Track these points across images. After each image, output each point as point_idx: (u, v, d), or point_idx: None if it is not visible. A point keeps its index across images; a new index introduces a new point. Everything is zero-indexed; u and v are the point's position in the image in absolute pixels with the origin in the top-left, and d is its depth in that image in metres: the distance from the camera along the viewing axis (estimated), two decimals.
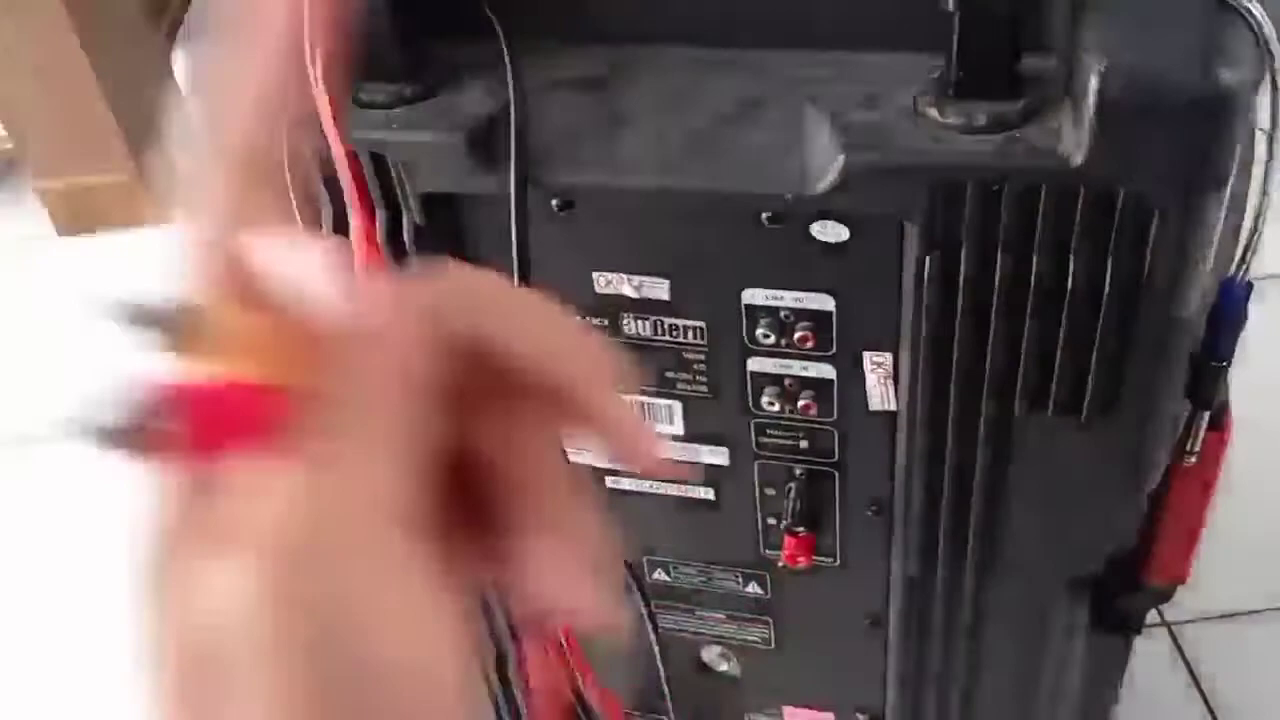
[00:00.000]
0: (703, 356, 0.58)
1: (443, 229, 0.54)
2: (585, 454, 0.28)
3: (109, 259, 1.88)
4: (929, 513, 0.59)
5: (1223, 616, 1.26)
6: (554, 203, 0.53)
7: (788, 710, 0.80)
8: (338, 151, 0.49)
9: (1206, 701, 1.20)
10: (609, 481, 0.66)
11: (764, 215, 0.50)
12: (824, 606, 0.70)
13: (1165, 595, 0.79)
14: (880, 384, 0.56)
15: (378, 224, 0.54)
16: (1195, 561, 0.75)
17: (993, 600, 0.63)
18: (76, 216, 1.90)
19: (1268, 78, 0.44)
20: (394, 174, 0.52)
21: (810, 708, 0.79)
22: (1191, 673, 1.22)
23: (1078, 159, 0.44)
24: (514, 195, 0.50)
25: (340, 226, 0.53)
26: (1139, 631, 0.85)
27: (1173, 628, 1.26)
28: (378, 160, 0.52)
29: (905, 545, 0.62)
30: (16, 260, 1.89)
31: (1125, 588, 0.78)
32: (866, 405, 0.57)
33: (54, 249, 1.92)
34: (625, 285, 0.56)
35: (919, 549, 0.61)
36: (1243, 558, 1.10)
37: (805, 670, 0.76)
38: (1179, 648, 1.24)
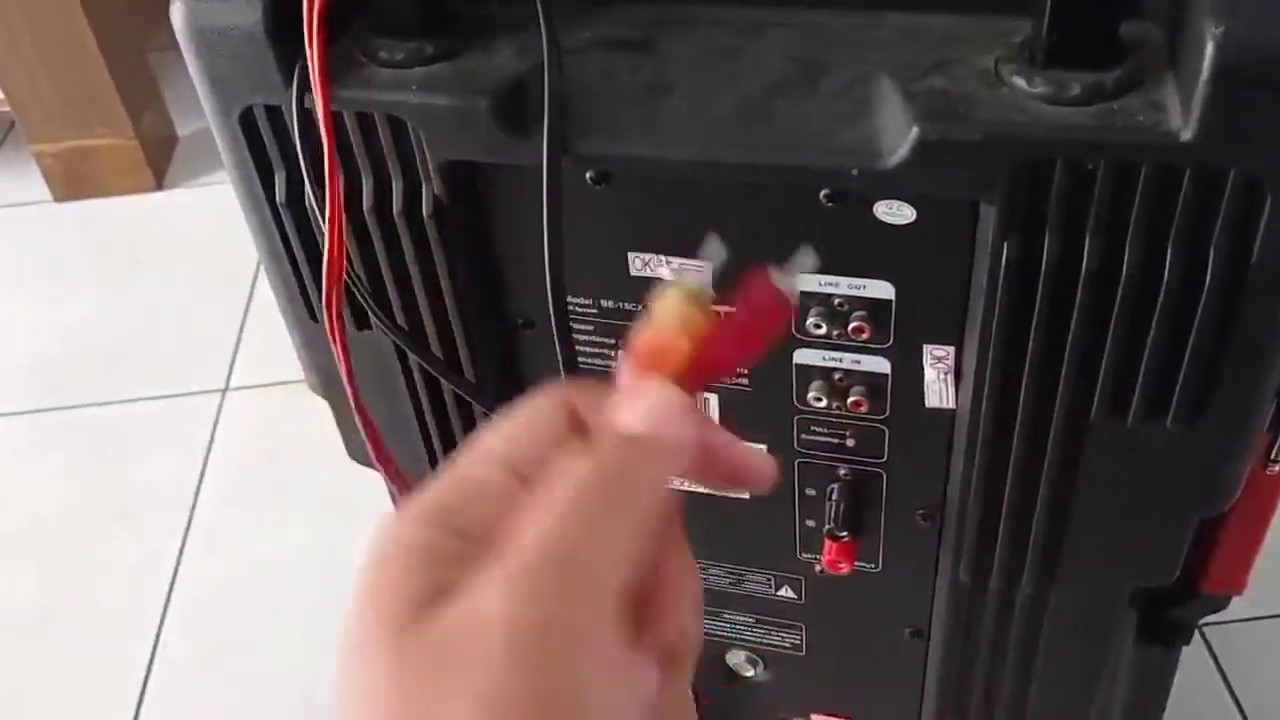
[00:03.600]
0: None
1: (465, 203, 0.49)
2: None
3: (106, 224, 1.83)
4: (987, 519, 0.54)
5: (1256, 619, 1.22)
6: (588, 175, 0.48)
7: (816, 718, 0.75)
8: (322, 111, 0.44)
9: (1239, 704, 1.16)
10: None
11: (823, 193, 0.46)
12: (861, 614, 0.65)
13: (1219, 605, 0.75)
14: (939, 380, 0.51)
15: (395, 195, 0.49)
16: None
17: (1049, 612, 0.59)
18: (74, 181, 1.85)
19: None
20: (413, 140, 0.47)
21: (839, 717, 0.75)
22: (1224, 675, 1.18)
23: (1186, 134, 0.39)
24: (546, 167, 0.45)
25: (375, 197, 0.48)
26: (1189, 642, 0.81)
27: (1204, 629, 1.22)
28: (395, 125, 0.47)
29: (957, 553, 0.57)
30: (14, 226, 1.85)
31: (1179, 597, 0.73)
32: (922, 403, 0.53)
33: (52, 214, 1.87)
34: (663, 267, 0.51)
35: (972, 557, 0.57)
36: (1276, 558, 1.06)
37: (836, 678, 0.71)
38: (1211, 650, 1.20)
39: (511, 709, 0.24)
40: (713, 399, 0.56)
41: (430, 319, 0.53)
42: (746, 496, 0.59)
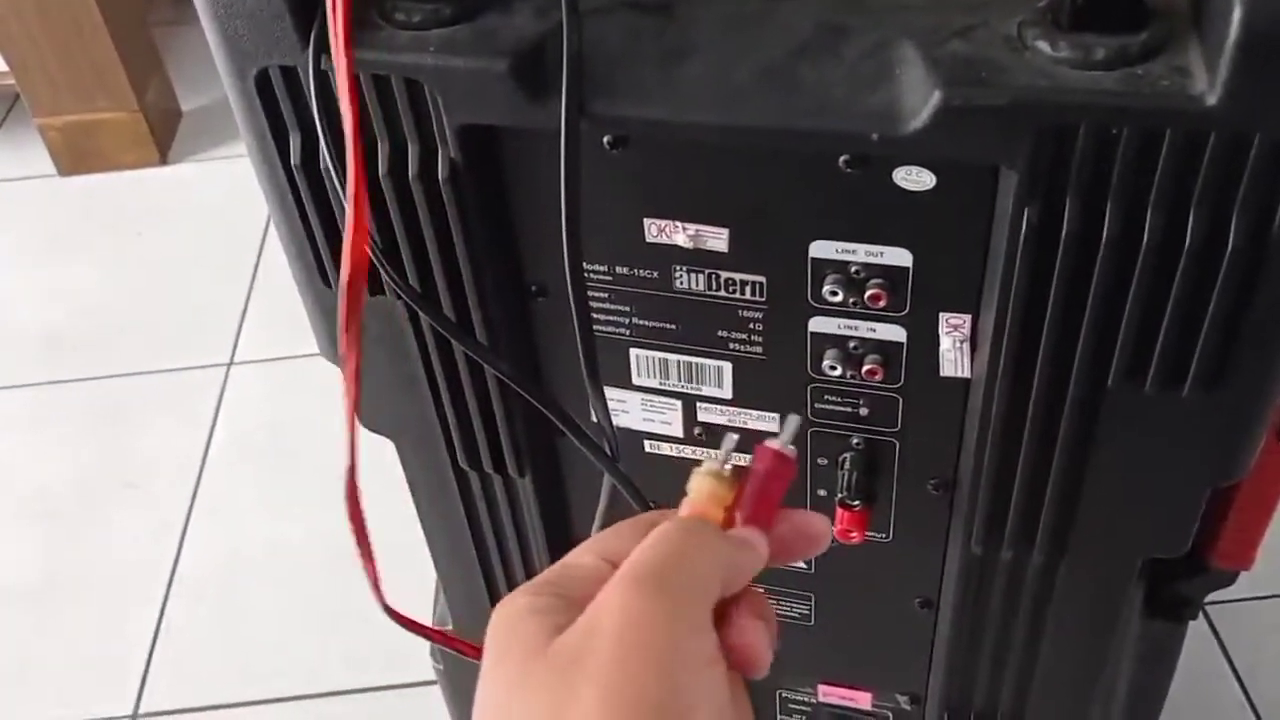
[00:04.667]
0: (760, 315, 0.53)
1: (482, 168, 0.49)
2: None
3: (111, 198, 1.83)
4: (1000, 489, 0.54)
5: (1259, 598, 1.22)
6: (605, 140, 0.48)
7: (823, 688, 0.76)
8: (343, 76, 0.43)
9: (1241, 682, 1.16)
10: (648, 446, 0.61)
11: (842, 159, 0.45)
12: (871, 584, 0.66)
13: (1227, 580, 0.75)
14: (955, 349, 0.51)
15: (410, 159, 0.48)
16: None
17: (1059, 583, 0.59)
18: (78, 155, 1.85)
19: None
20: (430, 103, 0.47)
21: (847, 686, 0.75)
22: (1227, 655, 1.18)
23: (1211, 99, 0.39)
24: (565, 129, 0.44)
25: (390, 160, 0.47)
26: (1195, 616, 0.81)
27: (1207, 608, 1.22)
28: (412, 87, 0.47)
29: (969, 523, 0.57)
30: (18, 200, 1.84)
31: (1188, 571, 0.74)
32: (936, 372, 0.53)
33: (56, 187, 1.86)
34: (679, 234, 0.51)
35: (984, 527, 0.57)
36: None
37: (845, 648, 0.72)
38: (1215, 629, 1.21)
39: (626, 691, 0.30)
40: (726, 367, 0.56)
41: (444, 285, 0.53)
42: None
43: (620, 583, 0.32)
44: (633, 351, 0.57)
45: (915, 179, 0.45)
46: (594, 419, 0.54)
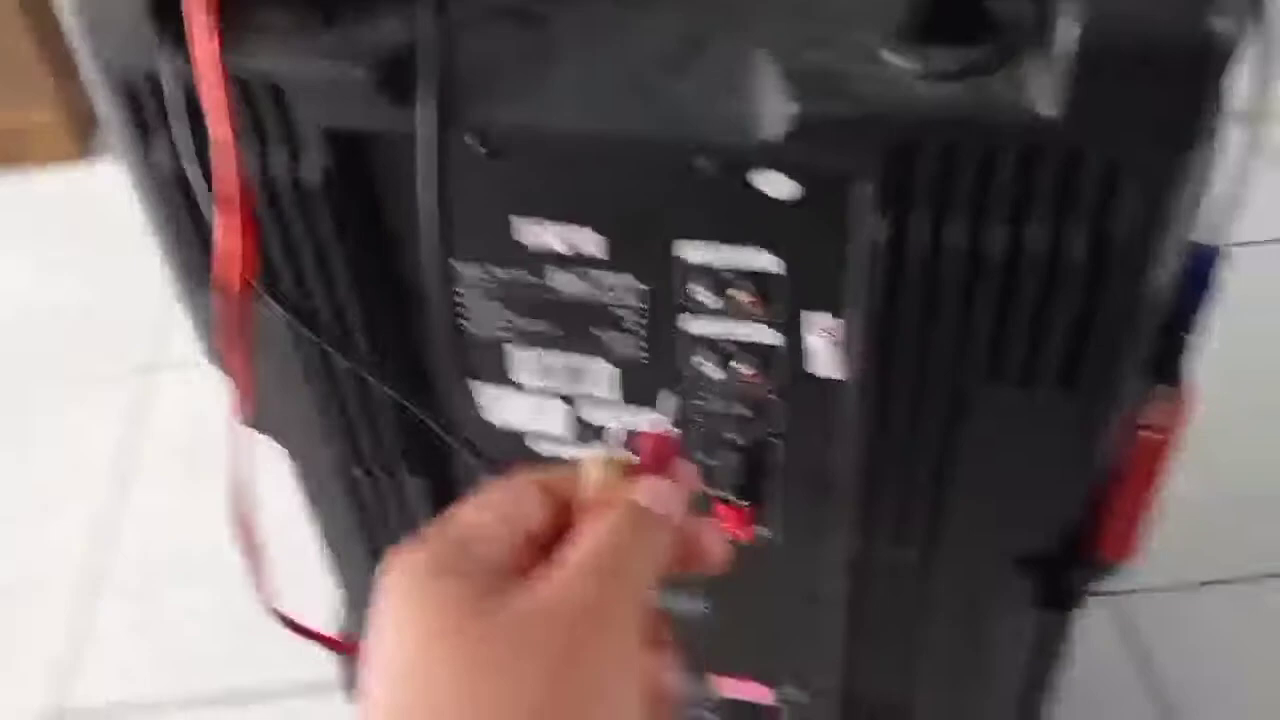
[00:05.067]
0: (637, 316, 0.53)
1: (352, 171, 0.49)
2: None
3: (35, 199, 1.79)
4: (875, 489, 0.55)
5: (1166, 589, 1.25)
6: (476, 145, 0.48)
7: (719, 679, 0.77)
8: (208, 78, 0.43)
9: (1149, 674, 1.19)
10: (535, 445, 0.62)
11: (705, 165, 0.46)
12: (761, 581, 0.66)
13: (1110, 570, 0.77)
14: (828, 350, 0.52)
15: (276, 164, 0.48)
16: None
17: (937, 578, 0.60)
18: (3, 155, 1.82)
19: (1254, 25, 0.40)
20: (294, 110, 0.47)
21: (740, 679, 0.76)
22: (1134, 644, 1.21)
23: (1049, 111, 0.40)
24: (423, 139, 0.44)
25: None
26: (1081, 606, 0.83)
27: (1115, 598, 1.25)
28: (277, 94, 0.46)
29: (849, 520, 0.58)
30: None
31: (1070, 563, 0.75)
32: (814, 372, 0.53)
33: None
34: (551, 236, 0.51)
35: (861, 524, 0.58)
36: (1189, 528, 1.09)
37: (739, 642, 0.73)
38: (1122, 619, 1.23)
39: (573, 680, 0.31)
40: (606, 369, 0.56)
41: (322, 292, 0.53)
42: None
43: (582, 573, 0.33)
44: (514, 352, 0.57)
45: (777, 186, 0.46)
46: (484, 415, 0.54)
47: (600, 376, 0.57)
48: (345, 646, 0.59)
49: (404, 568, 0.33)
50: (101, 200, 1.76)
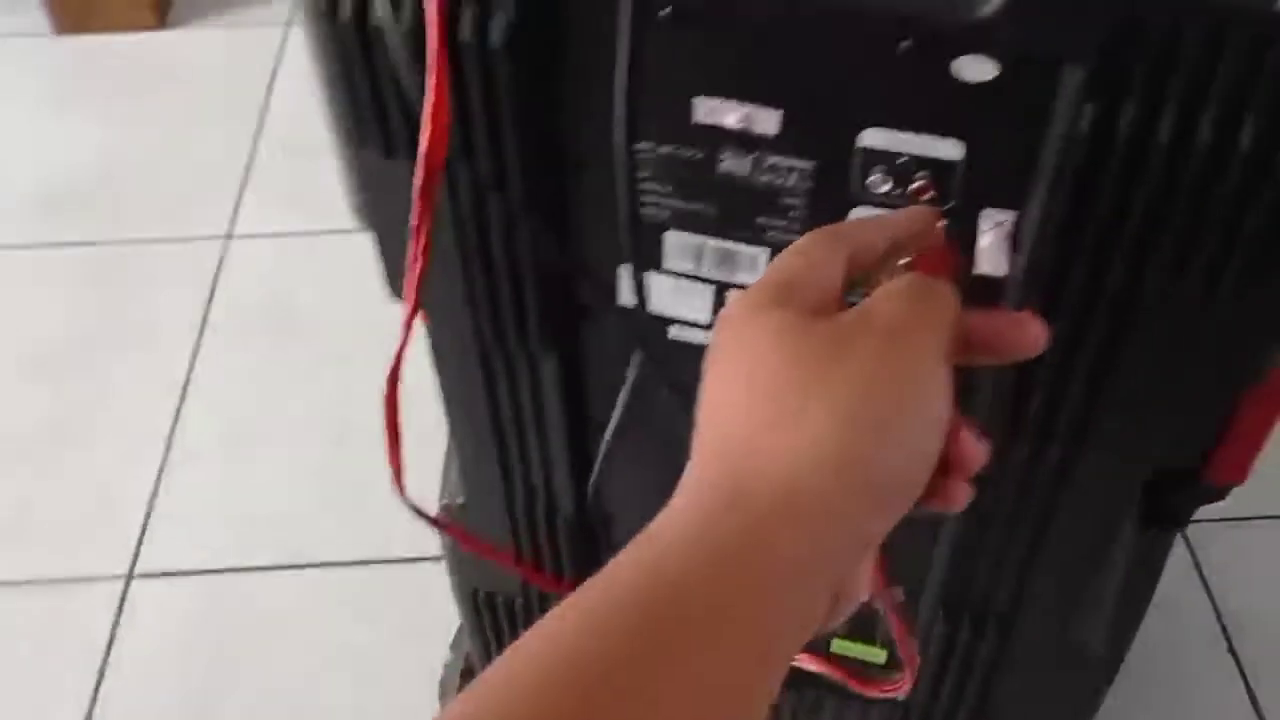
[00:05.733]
0: (802, 203, 0.53)
1: (539, 30, 0.48)
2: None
3: (108, 60, 1.79)
4: (1023, 385, 0.55)
5: (1233, 520, 1.26)
6: (663, 13, 0.47)
7: None
8: None
9: (1213, 600, 1.20)
10: (673, 332, 0.62)
11: (905, 43, 0.45)
12: None
13: (1219, 494, 0.77)
14: (995, 245, 0.51)
15: (465, 20, 0.48)
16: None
17: (1072, 483, 0.60)
18: (74, 15, 1.80)
19: None
20: None
21: None
22: (1201, 574, 1.22)
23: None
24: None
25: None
26: (1185, 527, 0.83)
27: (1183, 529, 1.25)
28: None
29: (988, 417, 0.58)
30: (14, 57, 1.80)
31: (1183, 483, 0.75)
32: (972, 268, 0.53)
33: (52, 47, 1.82)
34: (730, 115, 0.50)
35: (1005, 422, 0.58)
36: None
37: None
38: (1189, 545, 1.24)
39: (883, 373, 0.35)
40: (762, 255, 0.56)
41: (487, 154, 0.53)
42: None
43: (894, 295, 0.37)
44: (668, 235, 0.57)
45: (977, 69, 0.45)
46: (620, 300, 0.54)
47: (753, 264, 0.56)
48: (470, 539, 0.60)
49: (740, 303, 0.38)
50: (174, 65, 1.76)
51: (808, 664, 0.75)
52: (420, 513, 0.59)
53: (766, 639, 0.33)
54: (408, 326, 0.47)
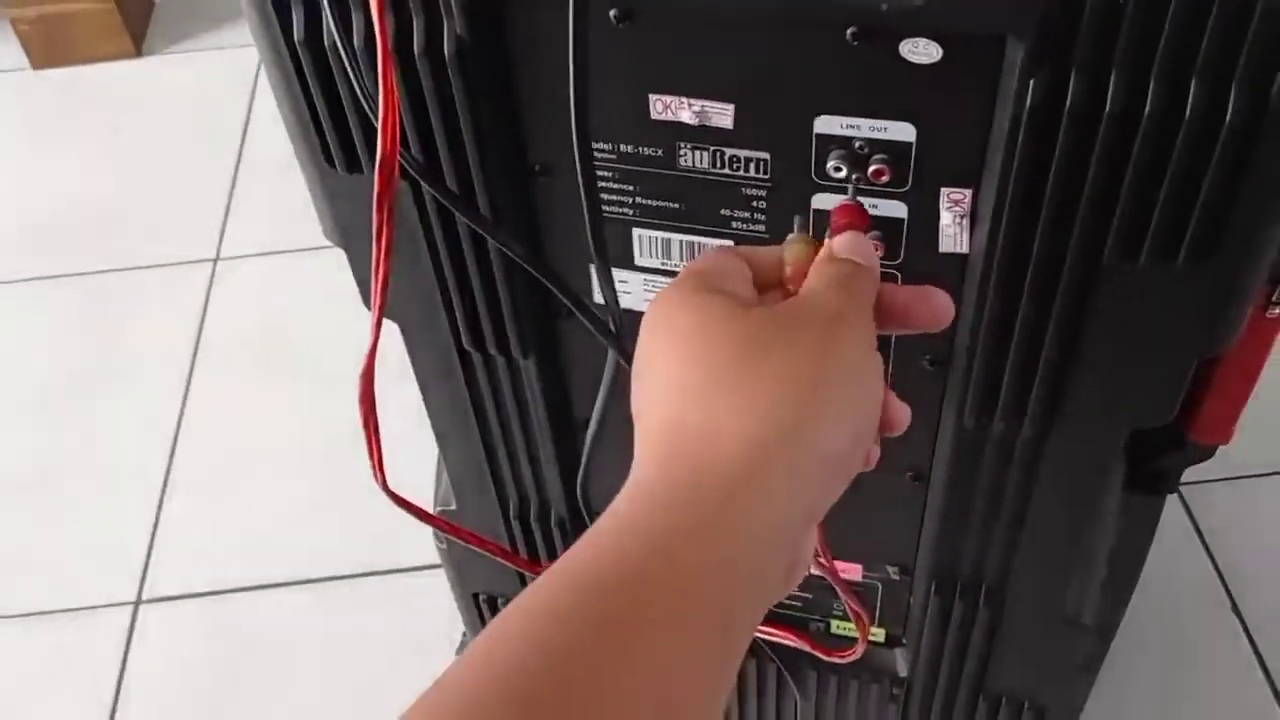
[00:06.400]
0: (764, 193, 0.54)
1: (488, 41, 0.49)
2: None
3: (87, 91, 1.79)
4: (994, 363, 0.56)
5: (1231, 479, 1.26)
6: (612, 13, 0.48)
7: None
8: None
9: (1214, 560, 1.20)
10: None
11: (849, 31, 0.46)
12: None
13: (1206, 454, 0.77)
14: (955, 224, 0.52)
15: (416, 34, 0.48)
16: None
17: (1048, 455, 0.61)
18: (51, 48, 1.81)
19: None
20: None
21: (838, 559, 0.78)
22: (1199, 532, 1.23)
23: None
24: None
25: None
26: (1174, 490, 0.84)
27: (1181, 489, 1.26)
28: None
29: (962, 397, 0.59)
30: None
31: (1168, 446, 0.76)
32: (935, 248, 0.54)
33: (30, 81, 1.83)
34: (685, 110, 0.51)
35: (977, 401, 0.58)
36: (1251, 419, 1.09)
37: (837, 522, 0.74)
38: (1186, 507, 1.24)
39: (829, 357, 0.37)
40: (729, 245, 0.57)
41: (449, 162, 0.53)
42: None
43: (827, 287, 0.40)
44: (636, 231, 0.58)
45: (922, 51, 0.46)
46: (596, 298, 0.55)
47: None
48: (451, 526, 0.60)
49: (670, 290, 0.39)
50: (154, 92, 1.77)
51: (776, 636, 0.77)
52: (405, 504, 0.59)
53: (730, 611, 0.33)
54: (376, 328, 0.47)
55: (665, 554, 0.33)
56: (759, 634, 0.79)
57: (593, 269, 0.59)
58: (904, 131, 0.49)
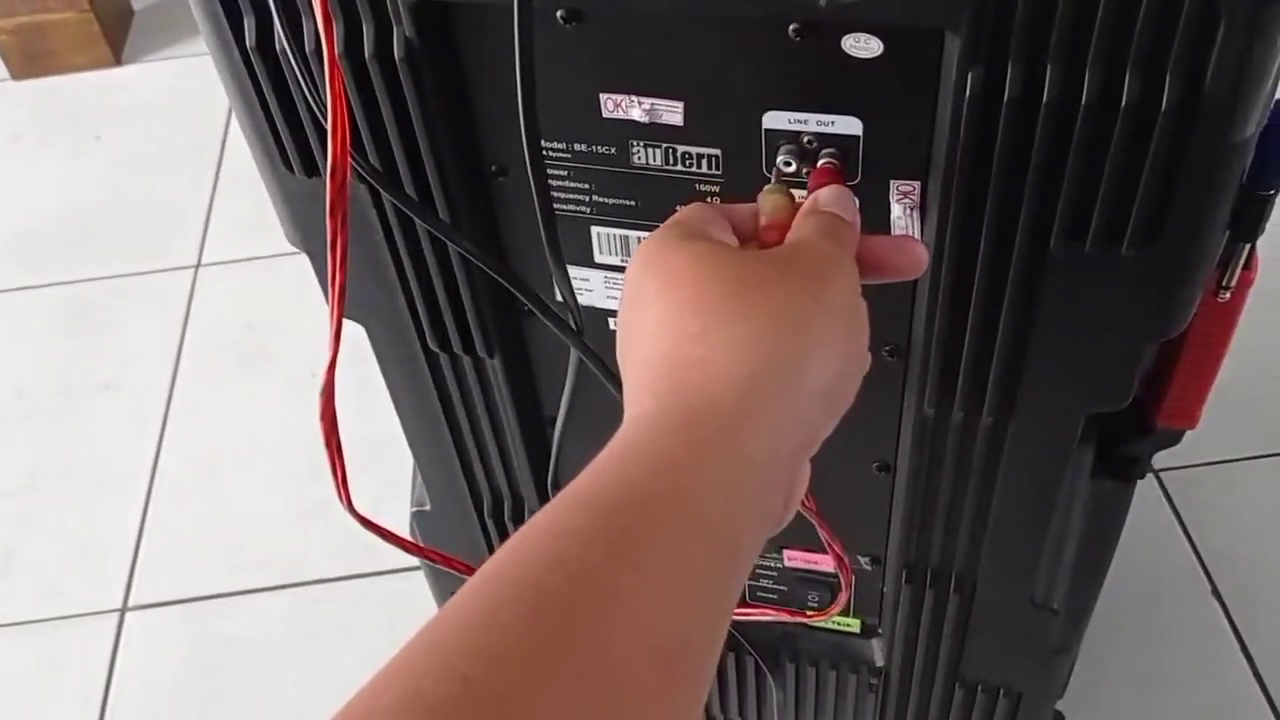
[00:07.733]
0: (717, 188, 0.54)
1: (438, 44, 0.50)
2: None
3: (67, 101, 1.80)
4: (950, 353, 0.56)
5: (1209, 464, 1.27)
6: (559, 14, 0.48)
7: (788, 553, 0.79)
8: None
9: (1194, 544, 1.21)
10: (612, 324, 0.63)
11: (792, 27, 0.46)
12: (832, 451, 0.68)
13: (1173, 439, 0.78)
14: (905, 215, 0.53)
15: (366, 38, 0.49)
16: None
17: (1008, 442, 0.62)
18: (30, 58, 1.81)
19: None
20: None
21: (809, 550, 0.78)
22: (1179, 517, 1.23)
23: None
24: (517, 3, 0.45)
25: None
26: (1143, 476, 0.84)
27: (1161, 475, 1.27)
28: None
29: (921, 387, 0.59)
30: None
31: (1134, 431, 0.77)
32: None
33: (10, 92, 1.83)
34: (635, 108, 0.51)
35: (935, 391, 0.59)
36: (1228, 404, 1.10)
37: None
38: (1166, 493, 1.25)
39: (823, 291, 0.40)
40: None
41: (405, 166, 0.54)
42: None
43: (819, 234, 0.42)
44: (594, 229, 0.58)
45: (863, 46, 0.46)
46: (558, 297, 0.56)
47: None
48: (415, 547, 0.61)
49: (655, 238, 0.41)
50: (133, 101, 1.77)
51: (762, 616, 0.77)
52: (370, 524, 0.60)
53: (735, 532, 0.35)
54: (335, 340, 0.48)
55: (670, 477, 0.34)
56: (738, 616, 0.80)
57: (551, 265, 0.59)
58: (851, 125, 0.50)
